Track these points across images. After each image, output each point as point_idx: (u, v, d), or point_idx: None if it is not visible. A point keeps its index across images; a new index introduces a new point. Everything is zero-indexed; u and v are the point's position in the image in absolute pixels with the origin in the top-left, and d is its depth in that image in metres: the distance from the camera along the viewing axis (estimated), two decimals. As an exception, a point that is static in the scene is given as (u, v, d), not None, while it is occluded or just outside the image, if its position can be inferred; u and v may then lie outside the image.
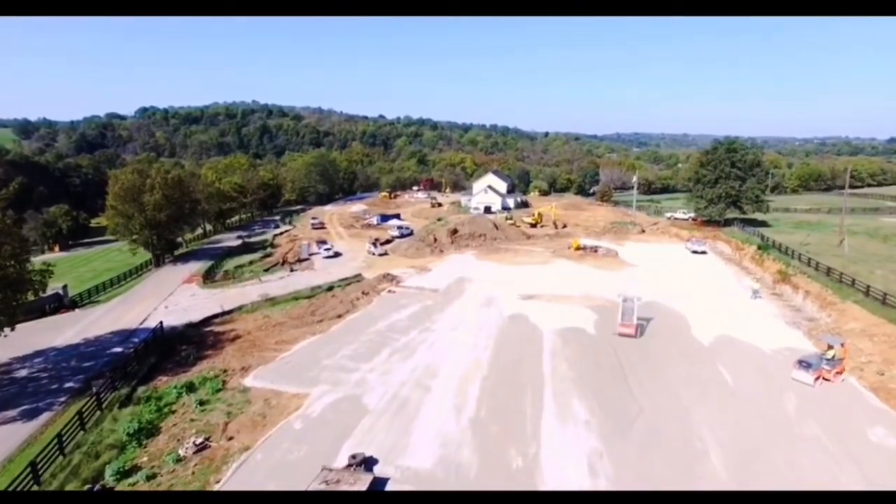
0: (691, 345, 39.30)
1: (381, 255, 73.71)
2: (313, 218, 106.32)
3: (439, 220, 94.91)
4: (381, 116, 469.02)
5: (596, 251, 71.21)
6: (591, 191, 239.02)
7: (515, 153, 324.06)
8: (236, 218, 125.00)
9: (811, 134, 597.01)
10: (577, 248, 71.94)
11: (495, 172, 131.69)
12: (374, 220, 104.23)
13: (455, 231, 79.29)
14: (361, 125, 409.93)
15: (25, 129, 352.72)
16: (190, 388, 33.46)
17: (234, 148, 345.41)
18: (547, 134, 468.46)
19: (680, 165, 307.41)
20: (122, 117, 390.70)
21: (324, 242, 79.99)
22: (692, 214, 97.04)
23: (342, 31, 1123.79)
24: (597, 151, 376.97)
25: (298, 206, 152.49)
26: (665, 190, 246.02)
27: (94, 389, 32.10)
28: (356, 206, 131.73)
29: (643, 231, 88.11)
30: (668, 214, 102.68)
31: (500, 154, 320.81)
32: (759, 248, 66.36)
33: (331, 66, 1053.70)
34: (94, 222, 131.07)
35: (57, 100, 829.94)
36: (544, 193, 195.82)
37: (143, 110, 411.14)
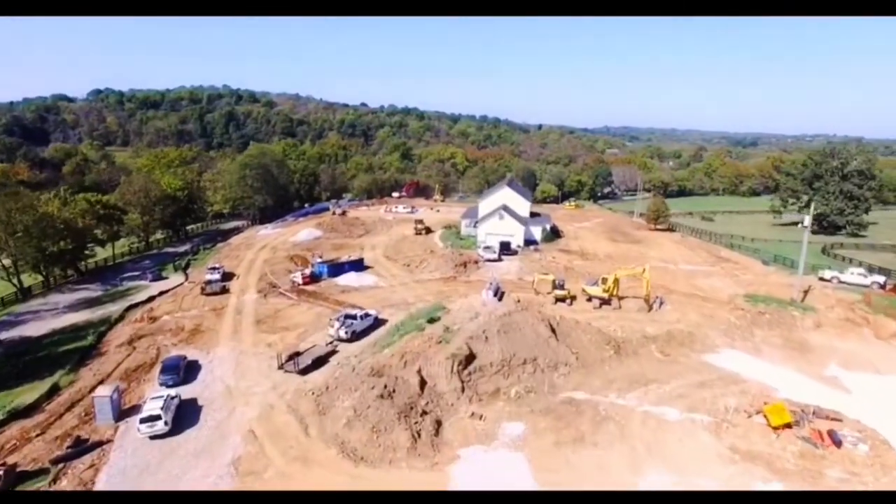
0: None
1: None
2: (211, 268, 59.64)
3: (432, 319, 39.74)
4: (363, 104, 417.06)
5: (826, 441, 26.56)
6: (601, 193, 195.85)
7: (511, 147, 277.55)
8: (122, 250, 77.39)
9: (800, 131, 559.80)
10: (781, 426, 27.28)
11: (511, 185, 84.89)
12: (316, 269, 58.54)
13: (468, 358, 33.20)
14: (340, 113, 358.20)
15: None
16: None
17: (196, 136, 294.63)
18: (540, 126, 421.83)
19: (693, 165, 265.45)
20: (71, 99, 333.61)
21: (171, 369, 34.12)
22: (881, 278, 52.98)
23: (326, 20, 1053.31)
24: (597, 146, 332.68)
25: (231, 225, 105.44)
26: (682, 193, 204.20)
27: None
28: (304, 231, 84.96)
29: (819, 324, 43.48)
30: (828, 274, 56.95)
31: (494, 148, 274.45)
32: None
33: (311, 52, 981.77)
34: None
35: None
36: (550, 199, 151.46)
37: (97, 92, 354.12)
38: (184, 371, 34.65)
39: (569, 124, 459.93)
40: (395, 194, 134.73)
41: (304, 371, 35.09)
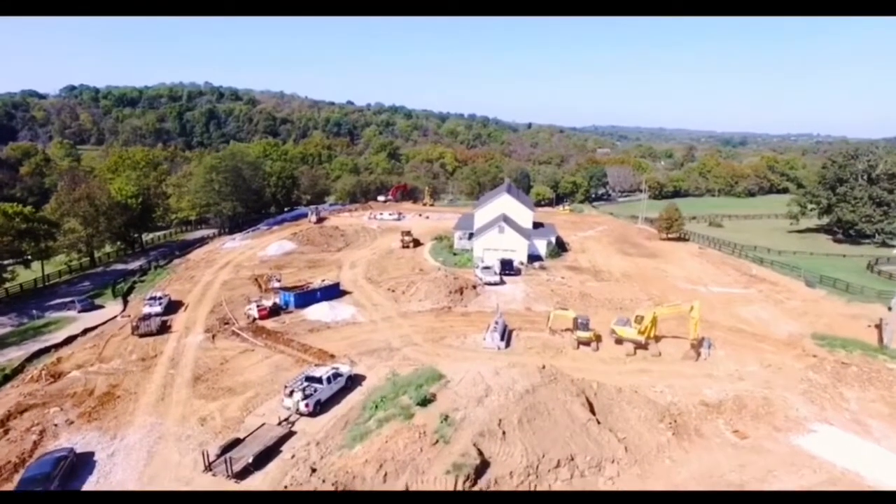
0: None
1: None
2: (150, 298, 48.29)
3: (425, 400, 26.10)
4: (350, 102, 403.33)
5: None
6: (595, 194, 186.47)
7: (501, 147, 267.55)
8: (60, 268, 65.13)
9: (784, 131, 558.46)
10: None
11: (510, 191, 74.20)
12: (280, 300, 47.57)
13: (478, 468, 21.86)
14: (326, 111, 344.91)
15: None
16: None
17: (175, 135, 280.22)
18: (530, 125, 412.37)
19: (689, 164, 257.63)
20: (42, 96, 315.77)
21: (36, 482, 22.67)
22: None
23: (314, 19, 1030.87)
24: (587, 145, 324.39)
25: (198, 234, 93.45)
26: (677, 194, 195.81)
27: None
28: (275, 245, 73.57)
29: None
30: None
31: (483, 147, 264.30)
32: None
33: (296, 49, 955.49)
34: None
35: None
36: (545, 203, 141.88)
37: (71, 88, 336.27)
38: (60, 480, 23.40)
39: (557, 123, 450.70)
40: (381, 198, 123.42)
41: (242, 473, 24.23)
